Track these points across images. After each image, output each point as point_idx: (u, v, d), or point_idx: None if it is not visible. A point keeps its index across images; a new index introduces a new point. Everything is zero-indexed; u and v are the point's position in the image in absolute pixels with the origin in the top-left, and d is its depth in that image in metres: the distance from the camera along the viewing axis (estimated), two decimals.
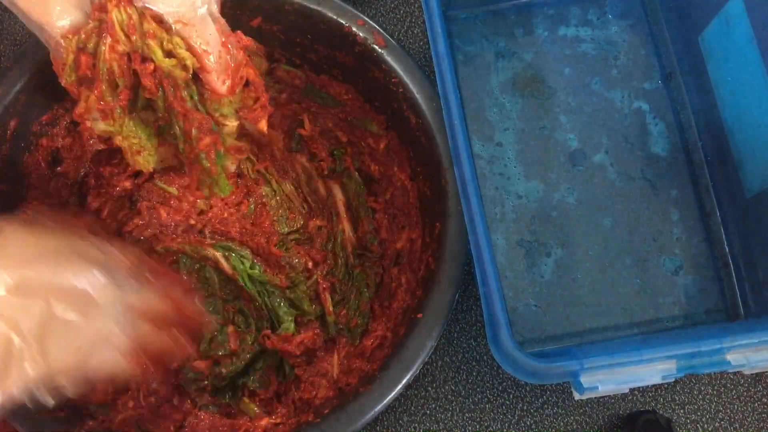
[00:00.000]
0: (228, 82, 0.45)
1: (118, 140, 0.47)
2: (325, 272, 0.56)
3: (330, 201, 0.58)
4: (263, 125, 0.49)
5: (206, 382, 0.53)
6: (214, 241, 0.56)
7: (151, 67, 0.43)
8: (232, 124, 0.47)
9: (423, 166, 0.53)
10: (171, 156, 0.51)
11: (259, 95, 0.48)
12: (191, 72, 0.44)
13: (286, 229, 0.57)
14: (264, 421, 0.51)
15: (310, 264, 0.56)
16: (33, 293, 0.36)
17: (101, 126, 0.46)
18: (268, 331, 0.54)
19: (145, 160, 0.48)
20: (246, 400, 0.54)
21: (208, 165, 0.49)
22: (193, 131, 0.46)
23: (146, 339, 0.41)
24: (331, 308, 0.55)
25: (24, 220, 0.47)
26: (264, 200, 0.57)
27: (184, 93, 0.45)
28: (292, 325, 0.54)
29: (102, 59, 0.43)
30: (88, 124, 0.46)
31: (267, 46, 0.53)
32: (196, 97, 0.45)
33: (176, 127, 0.47)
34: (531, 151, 0.59)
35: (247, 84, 0.47)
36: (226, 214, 0.56)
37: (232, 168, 0.51)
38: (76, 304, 0.38)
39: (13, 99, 0.51)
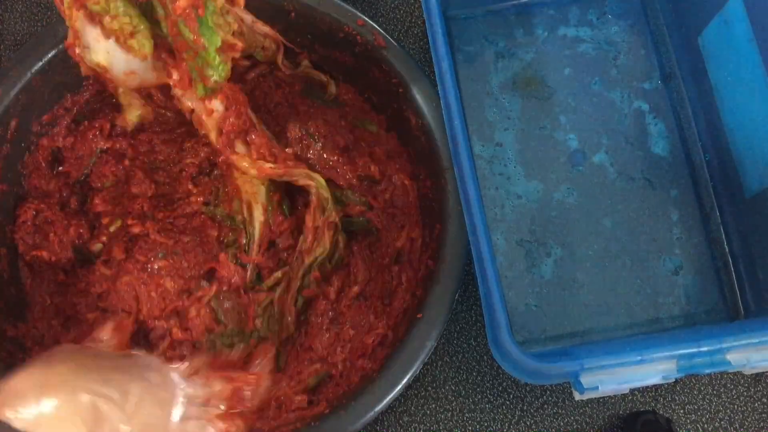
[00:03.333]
0: None
1: (107, 22, 0.43)
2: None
3: None
4: None
5: None
6: None
7: None
8: None
9: (423, 166, 0.53)
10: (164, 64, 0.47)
11: None
12: None
13: None
14: None
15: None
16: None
17: (92, 55, 0.44)
18: None
19: (140, 43, 0.44)
20: None
21: (191, 37, 0.43)
22: None
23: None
24: None
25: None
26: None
27: None
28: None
29: None
30: (78, 51, 0.44)
31: None
32: None
33: None
34: (531, 151, 0.59)
35: None
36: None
37: (225, 69, 0.46)
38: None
39: (13, 99, 0.51)
